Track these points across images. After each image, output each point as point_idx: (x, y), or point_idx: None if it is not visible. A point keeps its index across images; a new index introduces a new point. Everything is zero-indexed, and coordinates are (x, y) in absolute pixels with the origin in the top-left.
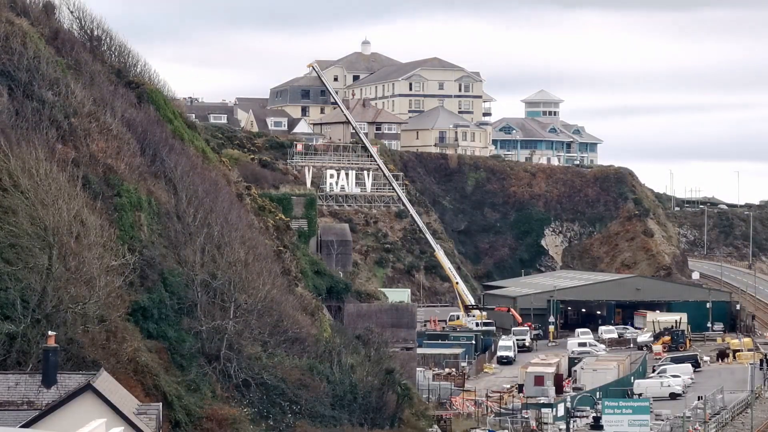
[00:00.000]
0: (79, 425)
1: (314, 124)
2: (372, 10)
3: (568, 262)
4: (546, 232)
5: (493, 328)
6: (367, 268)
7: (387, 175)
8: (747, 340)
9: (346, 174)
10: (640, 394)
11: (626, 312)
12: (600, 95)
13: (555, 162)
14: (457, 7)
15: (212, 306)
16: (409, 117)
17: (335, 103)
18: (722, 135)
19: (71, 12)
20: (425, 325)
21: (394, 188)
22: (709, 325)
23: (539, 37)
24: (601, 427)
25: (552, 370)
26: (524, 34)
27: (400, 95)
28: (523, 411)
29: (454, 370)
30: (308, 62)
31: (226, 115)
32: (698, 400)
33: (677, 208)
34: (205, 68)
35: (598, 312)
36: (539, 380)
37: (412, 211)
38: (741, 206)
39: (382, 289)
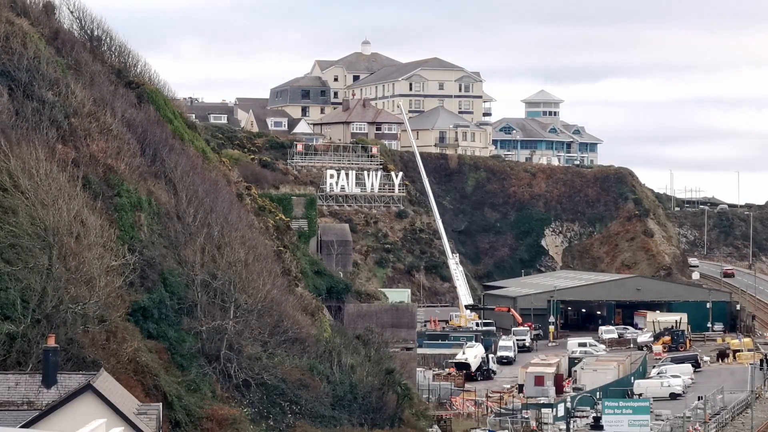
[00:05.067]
0: (79, 425)
1: (314, 124)
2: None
3: (568, 262)
4: (546, 232)
5: (494, 328)
6: (367, 268)
7: (424, 179)
8: (747, 340)
9: (346, 174)
10: (640, 395)
11: (626, 312)
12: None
13: (555, 162)
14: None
15: (212, 306)
16: (410, 117)
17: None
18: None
19: (71, 12)
20: (425, 325)
21: (425, 188)
22: (709, 325)
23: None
24: (601, 427)
25: (552, 370)
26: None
27: (400, 95)
28: (523, 411)
29: None
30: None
31: (226, 115)
32: (698, 400)
33: (677, 208)
34: (205, 68)
35: (599, 312)
36: (539, 380)
37: (436, 215)
38: (741, 206)
39: (382, 290)
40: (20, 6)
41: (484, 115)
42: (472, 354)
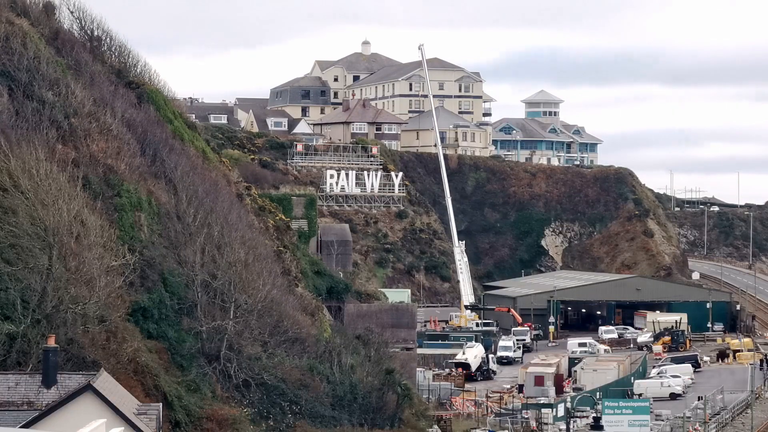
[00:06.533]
0: (79, 425)
1: (314, 125)
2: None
3: (568, 262)
4: (546, 232)
5: (494, 328)
6: (367, 269)
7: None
8: (747, 340)
9: (346, 174)
10: (640, 395)
11: (626, 312)
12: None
13: (555, 162)
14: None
15: (212, 306)
16: (409, 117)
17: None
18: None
19: (71, 12)
20: (425, 326)
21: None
22: (709, 325)
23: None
24: (601, 428)
25: (552, 370)
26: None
27: (400, 95)
28: (523, 411)
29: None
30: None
31: (226, 116)
32: (698, 400)
33: (677, 209)
34: (205, 68)
35: (599, 312)
36: (539, 380)
37: (450, 212)
38: (741, 206)
39: (382, 290)
40: (20, 6)
41: (484, 115)
42: (472, 354)
